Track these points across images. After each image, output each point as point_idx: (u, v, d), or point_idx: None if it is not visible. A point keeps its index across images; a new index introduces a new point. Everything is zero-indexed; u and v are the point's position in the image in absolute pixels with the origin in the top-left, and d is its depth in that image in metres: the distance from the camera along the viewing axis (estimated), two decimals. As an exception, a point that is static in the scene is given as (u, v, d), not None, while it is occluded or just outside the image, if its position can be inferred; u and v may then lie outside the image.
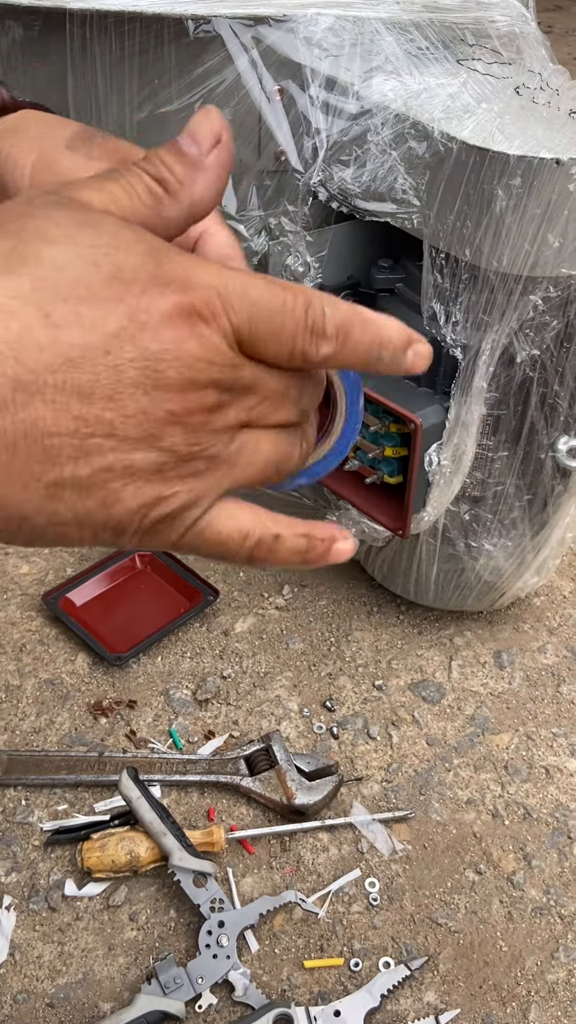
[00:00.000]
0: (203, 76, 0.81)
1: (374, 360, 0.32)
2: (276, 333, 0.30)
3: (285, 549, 0.33)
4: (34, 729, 0.96)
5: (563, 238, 0.72)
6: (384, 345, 0.31)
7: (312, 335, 0.30)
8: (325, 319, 0.30)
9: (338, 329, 0.31)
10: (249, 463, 0.32)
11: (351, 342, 0.31)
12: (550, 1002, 0.78)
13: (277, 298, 0.29)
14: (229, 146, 0.33)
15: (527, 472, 0.89)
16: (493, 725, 1.00)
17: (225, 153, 0.32)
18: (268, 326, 0.29)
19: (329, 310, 0.30)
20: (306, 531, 0.34)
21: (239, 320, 0.29)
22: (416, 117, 0.75)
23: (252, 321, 0.29)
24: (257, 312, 0.29)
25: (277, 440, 0.32)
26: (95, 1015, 0.75)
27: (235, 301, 0.29)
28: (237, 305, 0.29)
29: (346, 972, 0.79)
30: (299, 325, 0.30)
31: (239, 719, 0.99)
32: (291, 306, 0.30)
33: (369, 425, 0.86)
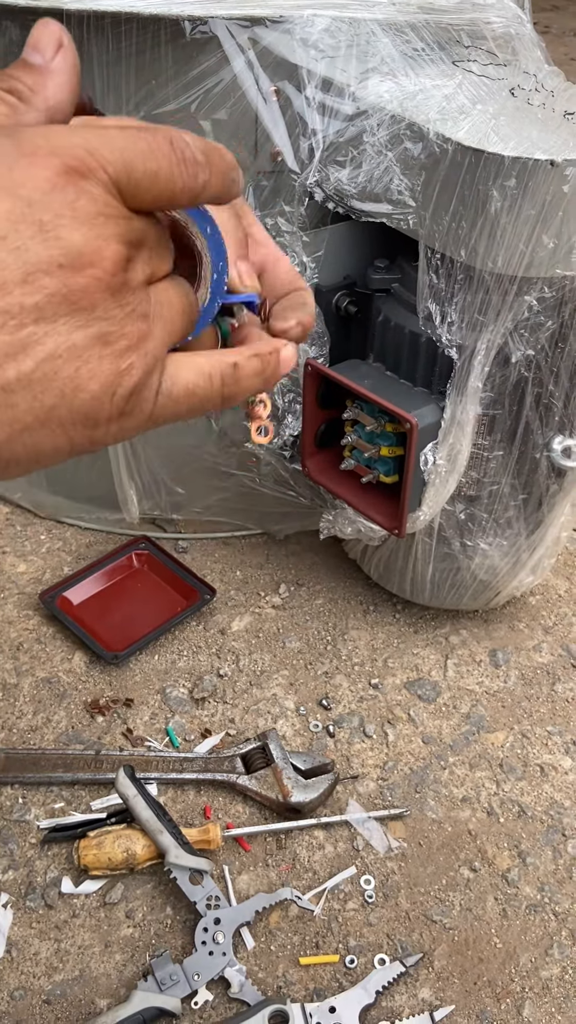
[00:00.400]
0: (199, 77, 0.82)
1: (230, 183, 0.32)
2: (153, 174, 0.29)
3: (246, 375, 0.35)
4: (31, 727, 0.97)
5: (557, 239, 0.72)
6: (233, 166, 0.32)
7: (187, 166, 0.30)
8: (192, 148, 0.30)
9: (205, 154, 0.31)
10: (172, 313, 0.32)
11: (215, 166, 0.31)
12: (544, 998, 0.79)
13: (142, 141, 0.29)
14: (71, 49, 0.33)
15: (522, 471, 0.89)
16: (488, 723, 1.00)
17: (69, 55, 0.32)
18: (144, 169, 0.29)
19: (189, 138, 0.30)
20: (254, 351, 0.35)
21: (115, 170, 0.28)
22: (412, 118, 0.75)
23: (128, 168, 0.29)
24: (129, 157, 0.29)
25: (175, 287, 0.33)
26: (91, 1012, 0.76)
27: (106, 153, 0.28)
28: (109, 156, 0.28)
29: (341, 969, 0.79)
30: (172, 160, 0.30)
31: (235, 717, 0.99)
32: (158, 144, 0.29)
33: (365, 425, 0.86)
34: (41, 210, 0.27)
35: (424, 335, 0.82)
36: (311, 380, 0.87)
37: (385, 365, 0.89)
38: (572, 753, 0.98)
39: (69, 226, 0.27)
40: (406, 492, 0.84)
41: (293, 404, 0.95)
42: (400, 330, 0.85)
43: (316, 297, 0.88)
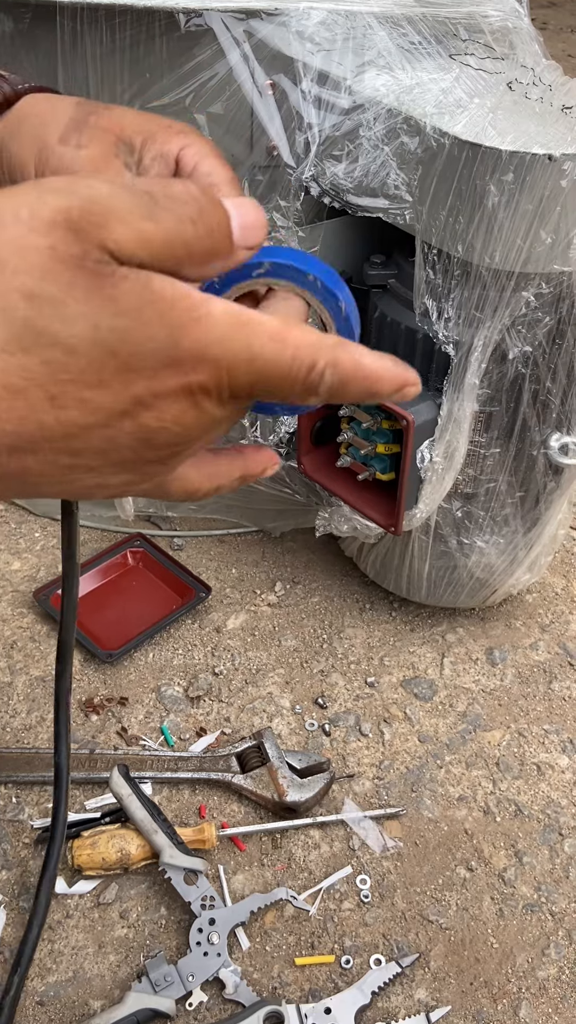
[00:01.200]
0: (194, 70, 0.81)
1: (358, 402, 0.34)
2: (273, 392, 0.31)
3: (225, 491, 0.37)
4: (25, 726, 0.96)
5: (555, 234, 0.71)
6: (374, 395, 0.32)
7: (306, 392, 0.31)
8: (322, 383, 0.31)
9: (331, 389, 0.31)
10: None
11: (339, 395, 0.32)
12: (541, 999, 0.78)
13: (283, 364, 0.30)
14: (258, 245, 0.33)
15: (519, 469, 0.89)
16: (485, 722, 1.00)
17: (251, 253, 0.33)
18: (267, 387, 0.30)
19: (329, 374, 0.30)
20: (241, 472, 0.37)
21: (241, 384, 0.30)
22: (408, 112, 0.74)
23: (253, 385, 0.30)
24: (261, 380, 0.30)
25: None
26: (85, 1013, 0.75)
27: (241, 374, 0.29)
28: (243, 377, 0.29)
29: (337, 969, 0.79)
30: (296, 386, 0.30)
31: (231, 716, 0.98)
32: (295, 373, 0.30)
33: (362, 422, 0.86)
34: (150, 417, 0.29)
35: (421, 331, 0.81)
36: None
37: (381, 361, 0.88)
38: (569, 752, 0.97)
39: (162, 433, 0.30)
40: (402, 489, 0.84)
41: (289, 401, 0.94)
42: (396, 326, 0.84)
43: (312, 293, 0.87)
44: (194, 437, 0.31)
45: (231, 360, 0.29)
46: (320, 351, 0.30)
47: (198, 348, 0.28)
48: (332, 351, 0.30)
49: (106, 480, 0.30)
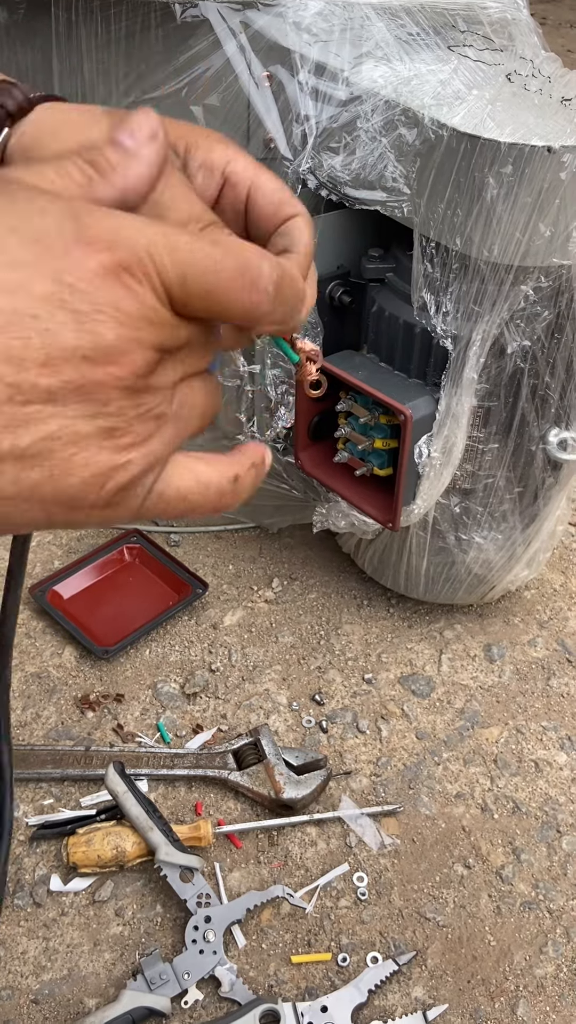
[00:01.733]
0: (191, 61, 0.80)
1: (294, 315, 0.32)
2: (209, 293, 0.29)
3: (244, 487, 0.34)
4: (20, 723, 0.95)
5: (554, 227, 0.71)
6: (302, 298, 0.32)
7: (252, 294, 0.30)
8: (265, 277, 0.30)
9: (276, 286, 0.30)
10: (192, 415, 0.31)
11: (282, 298, 0.31)
12: (539, 997, 0.78)
13: (209, 257, 0.29)
14: (164, 144, 0.32)
15: (518, 464, 0.88)
16: (483, 719, 0.99)
17: (160, 149, 0.32)
18: (201, 284, 0.29)
19: (267, 265, 0.30)
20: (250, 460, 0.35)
21: (169, 278, 0.28)
22: (406, 103, 0.73)
23: (183, 278, 0.28)
24: (189, 270, 0.28)
25: (205, 383, 0.32)
26: (80, 1011, 0.75)
27: (166, 258, 0.28)
28: (168, 261, 0.28)
29: (334, 967, 0.78)
30: (236, 284, 0.29)
31: (227, 713, 0.98)
32: (226, 264, 0.29)
33: (359, 416, 0.85)
34: (81, 300, 0.27)
35: (419, 325, 0.81)
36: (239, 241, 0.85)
37: (379, 356, 0.88)
38: (567, 748, 0.97)
39: (105, 323, 0.27)
40: (400, 485, 0.83)
41: (286, 396, 0.94)
42: (394, 320, 0.83)
43: (309, 287, 0.87)
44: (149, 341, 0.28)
45: (148, 243, 0.28)
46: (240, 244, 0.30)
47: (107, 229, 0.28)
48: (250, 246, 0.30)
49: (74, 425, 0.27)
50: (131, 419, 0.28)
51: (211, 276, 0.29)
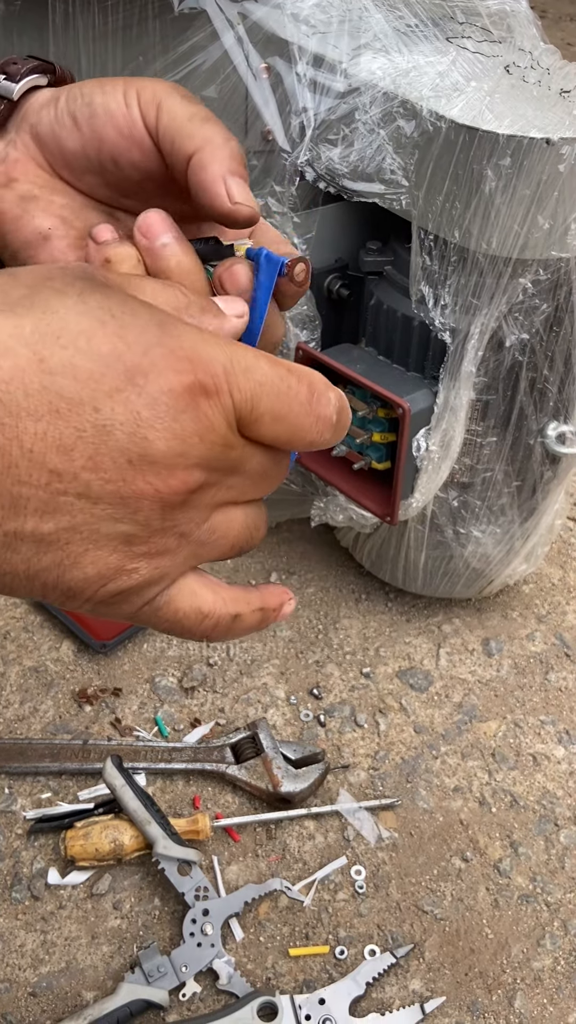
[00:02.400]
0: (188, 53, 0.80)
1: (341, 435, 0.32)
2: (280, 418, 0.29)
3: (242, 627, 0.33)
4: (18, 717, 0.95)
5: (553, 220, 0.70)
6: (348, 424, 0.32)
7: (319, 422, 0.30)
8: (331, 406, 0.30)
9: (339, 413, 0.31)
10: (220, 542, 0.31)
11: (342, 426, 0.31)
12: (536, 989, 0.78)
13: (283, 381, 0.29)
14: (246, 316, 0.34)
15: (516, 458, 0.88)
16: (481, 713, 0.99)
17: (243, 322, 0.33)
18: (272, 410, 0.29)
19: (333, 394, 0.30)
20: (260, 604, 0.34)
21: (242, 398, 0.28)
22: (405, 95, 0.73)
23: (254, 402, 0.28)
24: (262, 393, 0.28)
25: (246, 516, 0.31)
26: (78, 1004, 0.75)
27: (240, 378, 0.28)
28: (242, 382, 0.28)
29: (331, 960, 0.79)
30: (305, 412, 0.29)
31: (225, 707, 0.98)
32: (296, 391, 0.29)
33: (357, 410, 0.85)
34: (144, 405, 0.26)
35: (417, 318, 0.80)
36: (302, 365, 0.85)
37: (377, 349, 0.88)
38: (565, 742, 0.97)
39: (160, 431, 0.26)
40: (398, 479, 0.83)
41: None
42: (393, 313, 0.83)
43: (307, 280, 0.86)
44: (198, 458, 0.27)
45: (227, 362, 0.28)
46: (312, 373, 0.30)
47: (190, 342, 0.28)
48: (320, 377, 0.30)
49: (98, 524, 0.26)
50: (154, 531, 0.28)
51: (284, 400, 0.29)
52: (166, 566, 0.29)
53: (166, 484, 0.27)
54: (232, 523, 0.31)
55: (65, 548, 0.27)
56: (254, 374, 0.28)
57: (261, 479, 0.30)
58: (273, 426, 0.29)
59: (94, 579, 0.28)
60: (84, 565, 0.27)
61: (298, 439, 0.30)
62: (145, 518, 0.27)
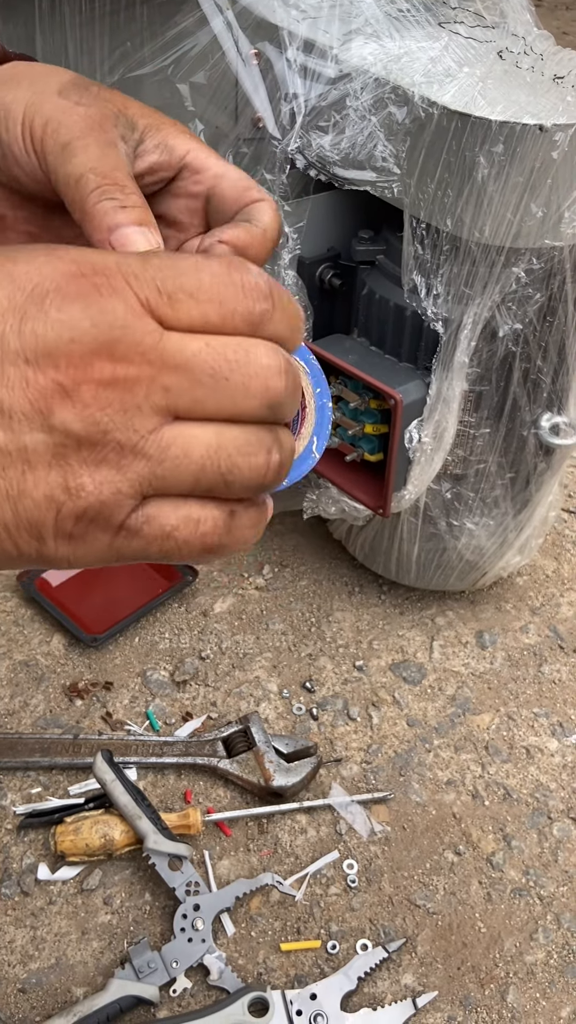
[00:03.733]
0: (177, 38, 0.79)
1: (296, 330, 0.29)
2: (193, 291, 0.27)
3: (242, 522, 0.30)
4: (8, 711, 0.95)
5: (546, 208, 0.70)
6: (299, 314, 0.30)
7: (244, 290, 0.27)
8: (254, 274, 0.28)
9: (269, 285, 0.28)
10: (182, 461, 0.27)
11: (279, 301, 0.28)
12: (528, 983, 0.78)
13: (187, 260, 0.27)
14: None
15: (509, 449, 0.87)
16: (474, 705, 0.99)
17: None
18: (181, 284, 0.26)
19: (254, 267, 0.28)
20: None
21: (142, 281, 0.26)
22: (396, 81, 0.72)
23: (159, 280, 0.26)
24: (166, 274, 0.26)
25: (219, 436, 0.27)
26: (68, 1000, 0.74)
27: (135, 266, 0.26)
28: (138, 268, 0.26)
29: (323, 955, 0.78)
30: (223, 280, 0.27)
31: (217, 700, 0.97)
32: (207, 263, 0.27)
33: (349, 401, 0.84)
34: (30, 301, 0.25)
35: (409, 308, 0.79)
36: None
37: (370, 340, 0.87)
38: (558, 735, 0.97)
39: (48, 324, 0.25)
40: (391, 471, 0.82)
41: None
42: (385, 303, 0.82)
43: (299, 269, 0.85)
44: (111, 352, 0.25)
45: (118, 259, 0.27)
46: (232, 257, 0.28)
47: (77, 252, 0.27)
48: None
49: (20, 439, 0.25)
50: (80, 437, 0.26)
51: (193, 275, 0.27)
52: (115, 480, 0.26)
53: (65, 374, 0.25)
54: (193, 439, 0.27)
55: (4, 475, 0.26)
56: (151, 260, 0.27)
57: (212, 379, 0.27)
58: (191, 304, 0.27)
59: (44, 504, 0.26)
60: (29, 490, 0.26)
61: (229, 313, 0.27)
62: (62, 422, 0.25)
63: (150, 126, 0.37)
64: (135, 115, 0.36)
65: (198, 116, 0.82)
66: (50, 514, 0.26)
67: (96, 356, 0.25)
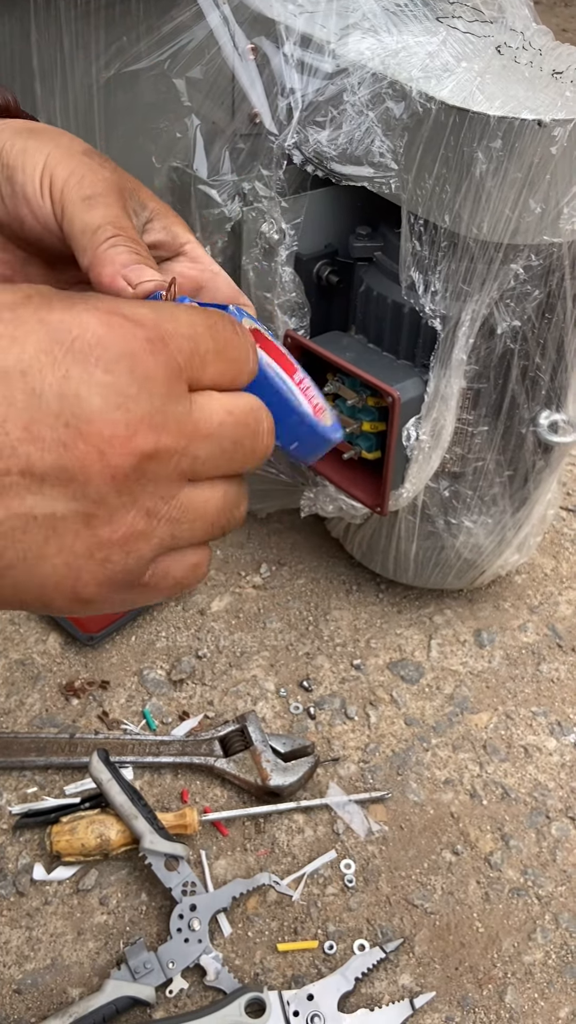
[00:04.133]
0: (173, 33, 0.78)
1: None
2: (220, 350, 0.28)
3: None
4: (3, 710, 0.94)
5: (545, 204, 0.69)
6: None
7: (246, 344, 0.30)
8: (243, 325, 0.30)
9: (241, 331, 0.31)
10: (197, 523, 0.29)
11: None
12: (527, 984, 0.77)
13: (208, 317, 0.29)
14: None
15: (508, 447, 0.87)
16: (472, 704, 0.99)
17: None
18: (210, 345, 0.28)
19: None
20: None
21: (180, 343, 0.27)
22: (394, 76, 0.72)
23: (195, 340, 0.27)
24: (196, 331, 0.28)
25: (225, 494, 0.30)
26: (63, 1001, 0.74)
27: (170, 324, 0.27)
28: (172, 327, 0.27)
29: (320, 955, 0.78)
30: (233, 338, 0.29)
31: (214, 699, 0.97)
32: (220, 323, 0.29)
33: (346, 399, 0.83)
34: (74, 361, 0.24)
35: (407, 305, 0.79)
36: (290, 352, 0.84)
37: (367, 337, 0.86)
38: (556, 734, 0.96)
39: (94, 388, 0.24)
40: (388, 468, 0.82)
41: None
42: (383, 300, 0.82)
43: (296, 266, 0.85)
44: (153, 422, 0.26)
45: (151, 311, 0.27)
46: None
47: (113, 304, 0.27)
48: None
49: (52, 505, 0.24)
50: (113, 508, 0.25)
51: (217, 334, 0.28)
52: (141, 548, 0.27)
53: (110, 446, 0.25)
54: (208, 501, 0.29)
55: (23, 538, 0.25)
56: (181, 317, 0.27)
57: (232, 445, 0.29)
58: (217, 364, 0.28)
59: (64, 572, 0.26)
60: (49, 555, 0.25)
61: (239, 373, 0.29)
62: (97, 491, 0.25)
63: (158, 211, 0.39)
64: (146, 198, 0.39)
65: (195, 111, 0.81)
66: (68, 581, 0.26)
67: (140, 425, 0.25)
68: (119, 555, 0.26)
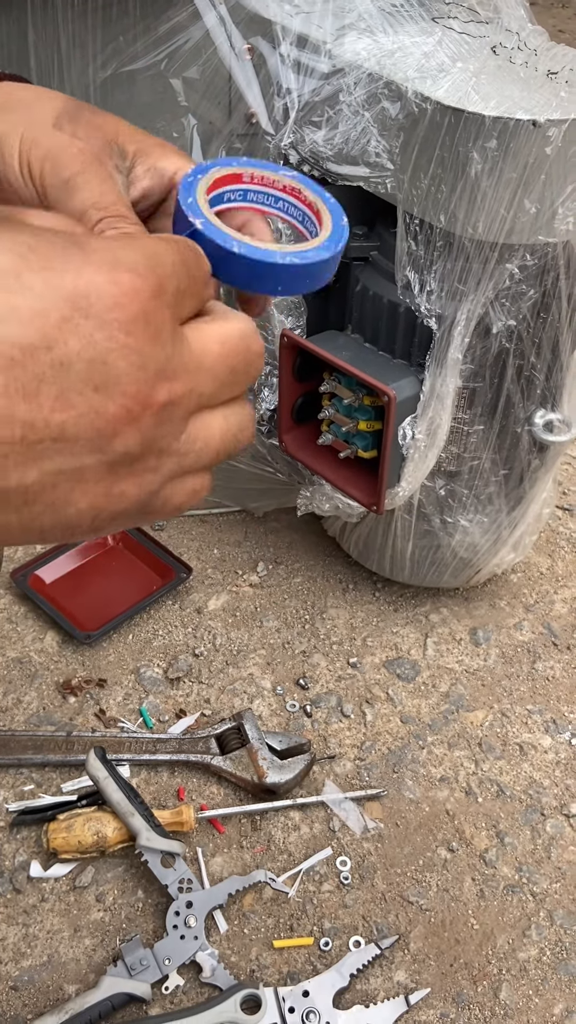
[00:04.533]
0: (169, 33, 0.78)
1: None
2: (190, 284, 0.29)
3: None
4: (1, 708, 0.94)
5: (540, 204, 0.69)
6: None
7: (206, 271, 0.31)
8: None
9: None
10: (203, 451, 0.30)
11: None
12: (521, 980, 0.78)
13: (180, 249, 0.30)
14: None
15: (503, 446, 0.87)
16: (468, 702, 0.99)
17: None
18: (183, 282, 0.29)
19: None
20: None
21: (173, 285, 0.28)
22: (390, 76, 0.72)
23: (177, 279, 0.28)
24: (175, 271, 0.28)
25: (226, 420, 0.31)
26: (60, 998, 0.74)
27: (160, 268, 0.28)
28: (162, 269, 0.28)
29: (316, 952, 0.78)
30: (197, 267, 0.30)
31: (211, 697, 0.97)
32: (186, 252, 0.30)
33: (343, 398, 0.84)
34: (96, 327, 0.26)
35: (403, 305, 0.79)
36: (287, 352, 0.84)
37: (363, 336, 0.86)
38: (551, 732, 0.97)
39: (118, 351, 0.26)
40: (384, 467, 0.82)
41: (269, 377, 0.92)
42: (378, 300, 0.82)
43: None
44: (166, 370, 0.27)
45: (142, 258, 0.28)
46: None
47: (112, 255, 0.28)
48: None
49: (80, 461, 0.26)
50: (134, 457, 0.28)
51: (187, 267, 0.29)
52: (152, 481, 0.29)
53: (135, 402, 0.26)
54: (211, 429, 0.30)
55: (53, 491, 0.26)
56: (164, 259, 0.28)
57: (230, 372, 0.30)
58: (192, 295, 0.29)
59: (87, 511, 0.28)
60: (76, 500, 0.27)
61: (207, 295, 0.30)
62: (123, 444, 0.27)
63: (139, 151, 0.39)
64: (125, 142, 0.39)
65: (191, 111, 0.82)
66: (87, 518, 0.28)
67: (158, 379, 0.27)
68: (134, 490, 0.28)
